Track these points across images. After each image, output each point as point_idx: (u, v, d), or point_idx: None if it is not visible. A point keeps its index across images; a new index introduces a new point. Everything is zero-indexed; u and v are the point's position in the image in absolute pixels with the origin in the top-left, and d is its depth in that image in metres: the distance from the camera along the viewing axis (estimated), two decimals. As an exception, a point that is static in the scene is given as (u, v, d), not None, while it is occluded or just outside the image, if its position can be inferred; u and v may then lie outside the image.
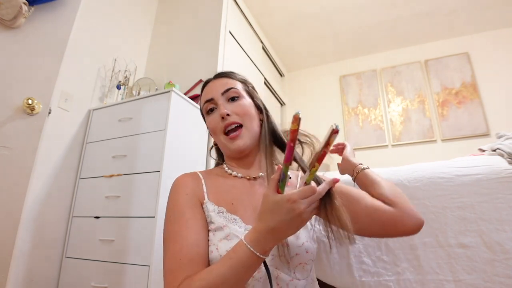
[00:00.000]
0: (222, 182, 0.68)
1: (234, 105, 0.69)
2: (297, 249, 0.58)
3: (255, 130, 0.70)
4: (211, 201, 0.64)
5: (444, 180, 0.89)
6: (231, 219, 0.60)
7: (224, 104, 0.69)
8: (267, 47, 3.00)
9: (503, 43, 2.78)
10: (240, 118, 0.68)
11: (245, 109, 0.69)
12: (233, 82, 0.73)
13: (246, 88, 0.75)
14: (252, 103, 0.73)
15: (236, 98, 0.71)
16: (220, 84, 0.73)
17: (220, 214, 0.61)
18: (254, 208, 0.63)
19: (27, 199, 1.09)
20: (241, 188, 0.67)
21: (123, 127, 1.51)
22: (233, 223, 0.60)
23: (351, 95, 3.22)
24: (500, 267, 0.77)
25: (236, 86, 0.73)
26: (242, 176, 0.69)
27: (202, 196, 0.65)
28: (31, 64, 1.20)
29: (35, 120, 1.14)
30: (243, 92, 0.73)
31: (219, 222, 0.60)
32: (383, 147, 2.91)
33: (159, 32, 2.29)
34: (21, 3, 1.15)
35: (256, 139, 0.70)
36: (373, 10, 2.65)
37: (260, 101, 0.76)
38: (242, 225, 0.60)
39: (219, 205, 0.63)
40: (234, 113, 0.68)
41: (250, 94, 0.75)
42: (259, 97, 0.77)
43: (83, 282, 1.32)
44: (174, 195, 0.64)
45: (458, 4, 2.58)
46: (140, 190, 1.33)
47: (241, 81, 0.76)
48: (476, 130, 2.62)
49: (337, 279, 0.91)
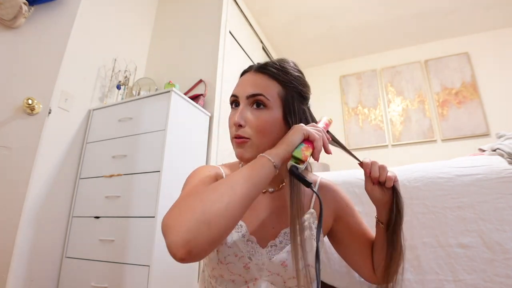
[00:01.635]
0: None
1: (254, 115, 0.58)
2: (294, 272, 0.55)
3: (264, 146, 0.58)
4: None
5: (444, 180, 0.89)
6: (238, 225, 0.60)
7: (244, 110, 0.59)
8: (267, 47, 3.00)
9: (503, 43, 2.78)
10: (251, 132, 0.58)
11: (262, 125, 0.58)
12: (268, 85, 0.60)
13: (284, 95, 0.60)
14: (280, 117, 0.60)
15: (262, 108, 0.59)
16: (253, 82, 0.60)
17: None
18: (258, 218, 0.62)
19: (27, 199, 1.09)
20: None
21: (123, 127, 1.51)
22: (236, 229, 0.59)
23: (351, 95, 3.22)
24: (500, 267, 0.77)
25: (270, 92, 0.59)
26: None
27: None
28: (31, 64, 1.20)
29: (35, 120, 1.14)
30: (275, 102, 0.59)
31: None
32: (383, 147, 2.91)
33: (159, 32, 2.29)
34: (21, 3, 1.15)
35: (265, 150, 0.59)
36: (373, 10, 2.65)
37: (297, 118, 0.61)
38: (246, 234, 0.59)
39: None
40: (249, 124, 0.58)
41: (287, 106, 0.60)
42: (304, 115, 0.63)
43: (83, 282, 1.32)
44: (196, 173, 0.61)
45: (458, 4, 2.58)
46: (140, 190, 1.33)
47: (284, 82, 0.61)
48: (476, 130, 2.62)
49: (337, 279, 0.91)
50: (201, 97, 1.75)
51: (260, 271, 0.57)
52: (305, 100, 0.64)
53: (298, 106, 0.62)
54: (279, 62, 0.63)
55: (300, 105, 0.62)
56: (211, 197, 0.43)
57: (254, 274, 0.57)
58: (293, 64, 0.65)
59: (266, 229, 0.61)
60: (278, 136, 0.58)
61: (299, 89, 0.62)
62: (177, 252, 0.39)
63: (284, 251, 0.58)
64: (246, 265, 0.57)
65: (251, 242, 0.59)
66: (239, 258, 0.57)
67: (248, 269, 0.57)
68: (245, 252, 0.57)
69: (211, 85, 1.85)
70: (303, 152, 0.52)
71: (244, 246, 0.58)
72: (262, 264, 0.57)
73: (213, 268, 0.58)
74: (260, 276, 0.57)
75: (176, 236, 0.39)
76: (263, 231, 0.61)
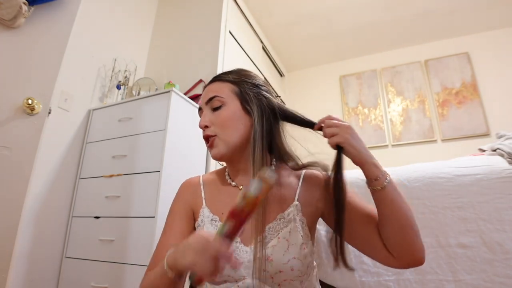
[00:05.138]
0: (220, 189, 0.70)
1: (214, 116, 0.66)
2: (281, 266, 0.56)
3: (233, 139, 0.64)
4: (208, 207, 0.66)
5: (444, 180, 0.89)
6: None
7: (207, 114, 0.67)
8: (267, 47, 3.00)
9: (503, 43, 2.78)
10: (216, 128, 0.65)
11: (221, 120, 0.65)
12: (221, 87, 0.68)
13: (237, 90, 0.68)
14: (238, 108, 0.66)
15: (219, 107, 0.66)
16: (210, 90, 0.69)
17: (212, 222, 0.64)
18: None
19: (27, 199, 1.09)
20: (234, 198, 0.65)
21: (123, 127, 1.51)
22: None
23: (351, 95, 3.22)
24: (500, 267, 0.77)
25: (223, 92, 0.67)
26: (235, 185, 0.68)
27: (199, 202, 0.68)
28: (31, 64, 1.20)
29: (35, 120, 1.14)
30: (229, 97, 0.67)
31: (209, 230, 0.62)
32: (383, 147, 2.91)
33: (159, 32, 2.29)
34: (21, 3, 1.15)
35: (238, 146, 0.65)
36: (373, 10, 2.65)
37: (253, 102, 0.66)
38: None
39: (214, 213, 0.65)
40: (213, 124, 0.66)
41: (242, 96, 0.67)
42: (261, 97, 0.68)
43: (83, 282, 1.32)
44: (174, 199, 0.72)
45: (458, 4, 2.58)
46: (140, 190, 1.33)
47: (235, 81, 0.69)
48: (476, 130, 2.62)
49: (337, 279, 0.91)
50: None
51: (247, 269, 0.57)
52: (259, 88, 0.69)
53: (254, 95, 0.67)
54: (230, 69, 0.73)
55: (256, 94, 0.68)
56: None
57: (241, 273, 0.57)
58: (249, 70, 0.74)
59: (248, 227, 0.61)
60: (244, 126, 0.65)
61: (249, 81, 0.69)
62: None
63: (269, 246, 0.58)
64: None
65: (235, 242, 0.60)
66: None
67: (235, 269, 0.57)
68: None
69: (211, 85, 1.85)
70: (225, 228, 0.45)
71: None
72: (248, 262, 0.58)
73: None
74: (248, 274, 0.57)
75: None
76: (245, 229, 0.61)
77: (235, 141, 0.65)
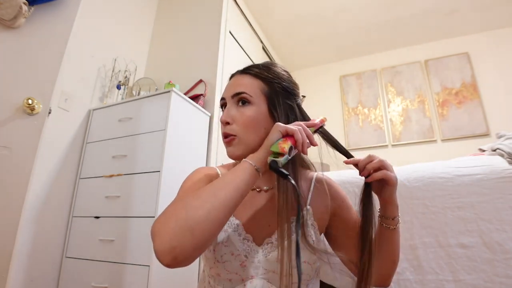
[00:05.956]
0: None
1: (239, 111, 0.62)
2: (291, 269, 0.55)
3: (253, 142, 0.60)
4: None
5: (444, 180, 0.89)
6: (234, 224, 0.61)
7: (231, 108, 0.63)
8: (267, 47, 3.00)
9: (503, 43, 2.78)
10: (237, 128, 0.61)
11: (245, 119, 0.61)
12: (251, 83, 0.63)
13: (267, 91, 0.63)
14: (265, 110, 0.62)
15: (245, 104, 0.62)
16: (237, 83, 0.64)
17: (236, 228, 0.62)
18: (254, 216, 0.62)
19: (27, 199, 1.08)
20: (251, 200, 0.65)
21: (123, 127, 1.51)
22: (232, 228, 0.60)
23: (351, 95, 3.22)
24: (500, 267, 0.77)
25: (252, 89, 0.62)
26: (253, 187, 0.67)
27: None
28: (31, 64, 1.19)
29: (35, 120, 1.14)
30: (258, 97, 0.62)
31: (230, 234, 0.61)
32: (383, 147, 2.91)
33: (159, 32, 2.29)
34: (21, 3, 1.15)
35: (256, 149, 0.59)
36: (373, 10, 2.65)
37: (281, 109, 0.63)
38: (242, 232, 0.60)
39: (236, 217, 0.63)
40: (235, 121, 0.61)
41: (271, 100, 0.63)
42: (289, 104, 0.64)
43: (83, 282, 1.32)
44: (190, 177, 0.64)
45: (458, 4, 2.58)
46: (140, 190, 1.33)
47: (267, 79, 0.64)
48: (476, 130, 2.62)
49: (337, 279, 0.91)
50: (201, 97, 1.75)
51: (256, 269, 0.57)
52: (291, 96, 0.66)
53: (283, 100, 0.63)
54: (263, 63, 0.68)
55: (286, 100, 0.64)
56: (194, 203, 0.45)
57: (250, 272, 0.57)
58: (278, 65, 0.69)
59: (262, 227, 0.61)
60: (266, 131, 0.60)
61: (283, 85, 0.65)
62: (163, 258, 0.41)
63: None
64: (242, 263, 0.57)
65: (247, 240, 0.60)
66: (235, 257, 0.57)
67: (244, 267, 0.57)
68: (241, 251, 0.58)
69: (211, 85, 1.85)
70: (279, 145, 0.52)
71: (240, 244, 0.59)
72: (258, 262, 0.58)
73: (211, 267, 0.59)
74: (257, 274, 0.57)
75: (162, 243, 0.41)
76: (259, 229, 0.61)
77: (254, 144, 0.60)
